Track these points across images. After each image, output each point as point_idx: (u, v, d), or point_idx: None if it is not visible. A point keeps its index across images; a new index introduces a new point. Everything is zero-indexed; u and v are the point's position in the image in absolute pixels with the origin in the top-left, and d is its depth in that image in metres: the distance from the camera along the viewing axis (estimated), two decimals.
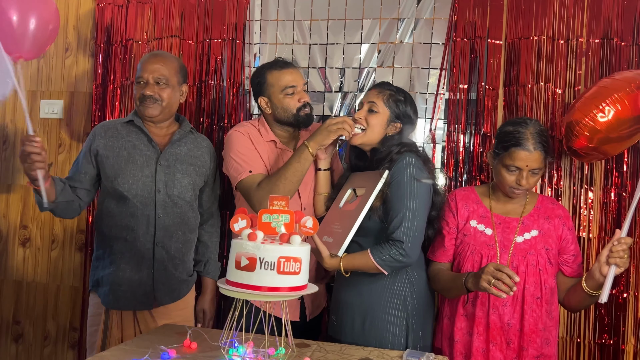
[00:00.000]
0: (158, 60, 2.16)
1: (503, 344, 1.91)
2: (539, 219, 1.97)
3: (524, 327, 1.90)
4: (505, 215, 2.00)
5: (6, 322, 3.01)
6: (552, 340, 1.94)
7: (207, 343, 1.72)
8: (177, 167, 2.17)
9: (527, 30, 2.41)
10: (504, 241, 1.95)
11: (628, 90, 2.01)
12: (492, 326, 1.91)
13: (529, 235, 1.95)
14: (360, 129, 1.99)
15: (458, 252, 2.01)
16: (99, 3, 2.86)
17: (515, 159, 1.87)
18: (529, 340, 1.90)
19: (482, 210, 2.02)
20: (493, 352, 1.91)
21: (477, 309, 1.93)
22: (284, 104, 2.13)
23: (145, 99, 2.13)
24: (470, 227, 2.00)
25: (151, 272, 2.13)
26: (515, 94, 2.42)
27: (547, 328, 1.93)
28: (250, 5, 2.71)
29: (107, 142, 2.17)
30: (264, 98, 2.16)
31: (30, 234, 2.98)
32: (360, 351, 1.78)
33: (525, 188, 1.91)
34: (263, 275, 1.42)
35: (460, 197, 2.06)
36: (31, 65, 2.99)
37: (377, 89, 2.05)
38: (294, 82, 2.12)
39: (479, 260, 1.94)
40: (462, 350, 1.96)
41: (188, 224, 2.20)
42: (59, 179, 2.10)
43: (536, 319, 1.90)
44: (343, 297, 2.03)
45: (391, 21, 2.59)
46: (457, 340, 1.97)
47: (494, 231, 1.97)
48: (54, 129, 2.96)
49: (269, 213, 1.51)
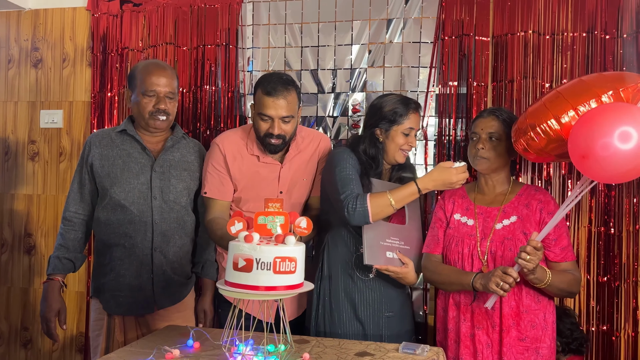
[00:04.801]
0: (167, 73, 2.19)
1: (488, 327, 1.98)
2: (518, 206, 2.04)
3: (503, 309, 1.96)
4: (487, 205, 2.08)
5: (15, 328, 3.08)
6: (538, 323, 1.97)
7: (209, 342, 1.77)
8: (172, 173, 2.22)
9: (513, 27, 2.47)
10: (485, 230, 2.03)
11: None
12: (476, 311, 1.99)
13: (507, 222, 2.02)
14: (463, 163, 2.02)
15: (445, 245, 2.10)
16: (94, 13, 2.92)
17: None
18: (510, 323, 1.95)
19: (467, 203, 2.12)
20: (479, 335, 1.98)
21: (461, 297, 2.03)
22: (255, 124, 2.13)
23: (159, 113, 2.17)
24: (454, 220, 2.10)
25: (151, 277, 2.18)
26: (504, 89, 2.47)
27: (532, 311, 1.97)
28: (242, 11, 2.76)
29: (103, 152, 2.22)
30: (251, 109, 2.19)
31: (35, 242, 3.05)
32: (358, 345, 1.83)
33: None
34: (260, 275, 1.47)
35: (448, 195, 2.17)
36: (30, 76, 3.05)
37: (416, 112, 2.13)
38: (271, 114, 2.06)
39: (461, 250, 2.03)
40: (454, 337, 2.05)
41: (185, 228, 2.25)
42: (67, 261, 2.23)
43: (517, 301, 1.96)
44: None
45: (380, 22, 2.64)
46: (450, 329, 2.06)
47: (475, 221, 2.06)
48: (54, 138, 3.02)
49: (265, 215, 1.57)
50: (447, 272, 2.04)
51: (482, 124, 2.06)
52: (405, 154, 2.15)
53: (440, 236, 2.12)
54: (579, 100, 1.78)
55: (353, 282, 2.11)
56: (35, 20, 3.05)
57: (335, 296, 2.12)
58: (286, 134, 2.10)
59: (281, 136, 2.09)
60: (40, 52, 3.05)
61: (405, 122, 2.08)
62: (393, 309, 2.12)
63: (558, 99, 1.84)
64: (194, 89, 2.79)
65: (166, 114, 2.19)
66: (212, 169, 2.17)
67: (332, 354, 1.73)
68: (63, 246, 2.22)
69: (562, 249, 2.01)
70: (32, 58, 3.06)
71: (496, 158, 2.04)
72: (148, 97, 2.16)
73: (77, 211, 2.24)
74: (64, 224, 2.25)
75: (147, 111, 2.16)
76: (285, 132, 2.09)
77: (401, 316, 2.15)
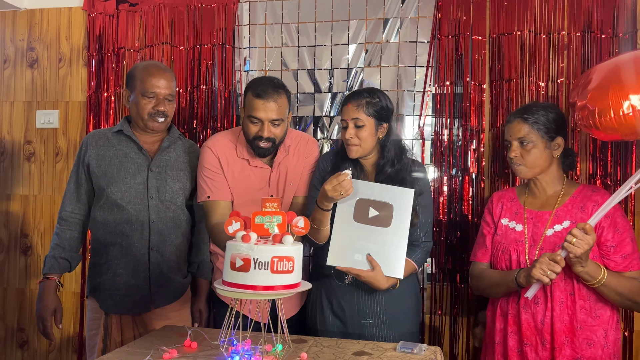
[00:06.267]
0: (167, 75, 2.20)
1: (538, 344, 1.84)
2: (572, 209, 1.89)
3: (555, 324, 1.81)
4: (538, 209, 1.96)
5: (11, 329, 3.07)
6: (597, 341, 1.80)
7: (206, 342, 1.77)
8: (168, 173, 2.23)
9: (509, 26, 2.47)
10: (534, 236, 1.91)
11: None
12: (524, 325, 1.86)
13: (559, 227, 1.87)
14: (350, 174, 1.88)
15: (492, 252, 1.99)
16: (90, 13, 2.91)
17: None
18: (564, 340, 1.80)
19: (516, 207, 2.00)
20: (527, 352, 1.85)
21: (509, 308, 1.90)
22: (245, 127, 2.10)
23: (157, 114, 2.18)
24: (502, 225, 1.99)
25: (147, 276, 2.19)
26: (501, 89, 2.47)
27: (588, 327, 1.81)
28: (238, 10, 2.76)
29: (99, 152, 2.22)
30: (241, 112, 2.18)
31: (31, 242, 3.04)
32: (356, 344, 1.83)
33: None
34: (257, 275, 1.47)
35: (496, 198, 2.08)
36: (26, 76, 3.04)
37: (353, 103, 2.02)
38: (261, 117, 2.03)
39: (509, 258, 1.92)
40: (502, 352, 1.92)
41: (181, 227, 2.25)
42: (65, 261, 2.23)
43: (571, 316, 1.81)
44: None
45: (377, 21, 2.64)
46: (497, 342, 1.94)
47: (524, 227, 1.93)
48: (50, 138, 3.01)
49: (262, 215, 1.57)
50: (492, 275, 1.95)
51: (511, 129, 1.96)
52: (351, 148, 2.03)
53: (487, 243, 2.01)
54: None
55: (331, 286, 2.09)
56: (31, 20, 3.04)
57: (320, 297, 2.12)
58: (276, 137, 2.08)
59: (271, 139, 2.06)
60: (36, 52, 3.04)
61: (343, 115, 2.05)
62: (371, 317, 2.04)
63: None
64: (191, 89, 2.79)
65: (165, 116, 2.20)
66: (208, 172, 2.15)
67: (329, 353, 1.73)
68: (59, 246, 2.22)
69: (624, 257, 1.82)
70: (28, 58, 3.05)
71: (534, 161, 1.92)
72: (148, 98, 2.17)
73: (74, 211, 2.24)
74: (60, 224, 2.24)
75: (146, 112, 2.17)
76: (275, 135, 2.07)
77: (390, 323, 2.05)
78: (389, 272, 1.96)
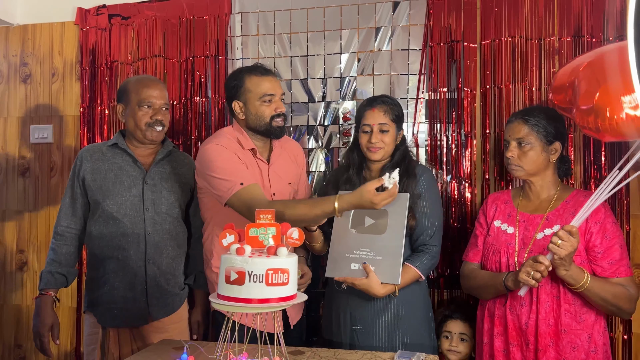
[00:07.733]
0: (160, 86, 2.25)
1: (522, 344, 1.86)
2: (564, 214, 1.90)
3: (540, 327, 1.83)
4: (531, 213, 1.97)
5: (8, 346, 3.05)
6: (581, 345, 1.81)
7: (203, 356, 1.76)
8: (164, 185, 2.23)
9: (500, 32, 2.48)
10: (525, 239, 1.92)
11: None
12: (510, 326, 1.88)
13: (550, 231, 1.88)
14: (394, 179, 1.82)
15: (483, 253, 2.01)
16: (83, 27, 2.92)
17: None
18: (547, 343, 1.82)
19: (510, 209, 2.01)
20: (513, 353, 1.86)
21: (496, 309, 1.92)
22: (259, 111, 2.09)
23: (156, 123, 2.20)
24: (494, 227, 2.01)
25: (144, 289, 2.18)
26: (493, 94, 2.48)
27: (572, 331, 1.82)
28: (230, 22, 2.77)
29: (94, 165, 2.22)
30: (239, 102, 2.12)
31: (27, 258, 3.02)
32: (354, 355, 1.83)
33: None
34: (252, 288, 1.47)
35: (491, 199, 2.10)
36: (19, 91, 3.04)
37: (379, 108, 2.09)
38: (273, 91, 2.09)
39: (499, 259, 1.93)
40: (489, 351, 1.94)
41: (177, 239, 2.25)
42: (60, 277, 2.22)
43: (556, 319, 1.83)
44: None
45: (369, 30, 2.65)
46: (484, 342, 1.97)
47: (516, 229, 1.95)
48: (45, 153, 3.01)
49: (256, 227, 1.56)
50: (482, 276, 1.97)
51: (511, 129, 1.99)
52: (376, 151, 2.09)
53: (479, 244, 2.04)
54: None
55: (333, 292, 2.14)
56: (23, 36, 3.05)
57: (328, 302, 2.19)
58: (285, 115, 2.15)
59: (282, 114, 2.12)
60: (29, 67, 3.04)
61: (366, 120, 2.13)
62: (362, 324, 2.05)
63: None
64: (184, 101, 2.79)
65: (162, 125, 2.23)
66: (227, 164, 1.98)
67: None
68: (55, 261, 2.21)
69: (611, 263, 1.82)
70: (21, 73, 3.05)
71: (531, 163, 1.94)
72: (144, 108, 2.19)
73: (69, 225, 2.24)
74: (56, 239, 2.24)
75: (144, 122, 2.19)
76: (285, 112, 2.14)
77: (384, 330, 2.04)
78: (385, 279, 1.96)
